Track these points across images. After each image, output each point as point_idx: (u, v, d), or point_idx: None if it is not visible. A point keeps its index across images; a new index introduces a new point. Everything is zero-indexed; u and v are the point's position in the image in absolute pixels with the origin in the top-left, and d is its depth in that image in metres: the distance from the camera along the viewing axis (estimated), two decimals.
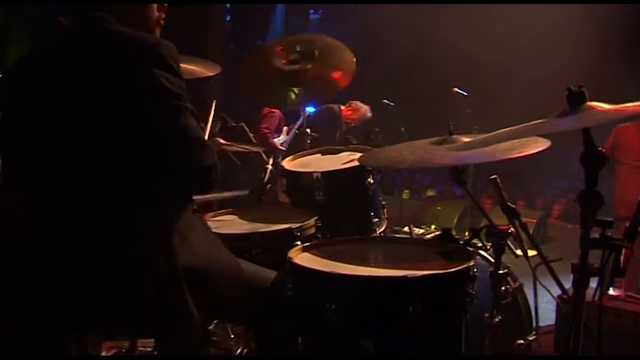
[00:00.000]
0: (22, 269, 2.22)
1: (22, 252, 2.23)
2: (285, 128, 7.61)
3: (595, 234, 2.09)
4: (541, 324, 3.33)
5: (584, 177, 2.08)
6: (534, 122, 2.24)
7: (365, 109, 8.11)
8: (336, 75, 4.07)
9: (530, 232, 7.43)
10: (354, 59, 4.00)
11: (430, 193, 10.86)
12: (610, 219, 2.08)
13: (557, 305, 3.49)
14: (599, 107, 2.07)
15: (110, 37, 2.20)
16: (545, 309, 3.31)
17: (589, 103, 2.09)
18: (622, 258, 2.07)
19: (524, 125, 2.27)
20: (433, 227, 7.15)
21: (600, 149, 5.75)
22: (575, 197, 2.10)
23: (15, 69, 2.37)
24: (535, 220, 8.61)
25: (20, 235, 2.25)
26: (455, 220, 8.38)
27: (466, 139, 2.71)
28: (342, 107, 8.08)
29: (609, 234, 2.07)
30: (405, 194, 10.01)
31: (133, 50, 2.16)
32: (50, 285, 2.17)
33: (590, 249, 2.07)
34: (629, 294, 4.37)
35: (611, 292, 4.16)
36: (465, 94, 7.77)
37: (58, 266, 2.16)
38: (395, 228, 4.41)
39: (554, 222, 9.33)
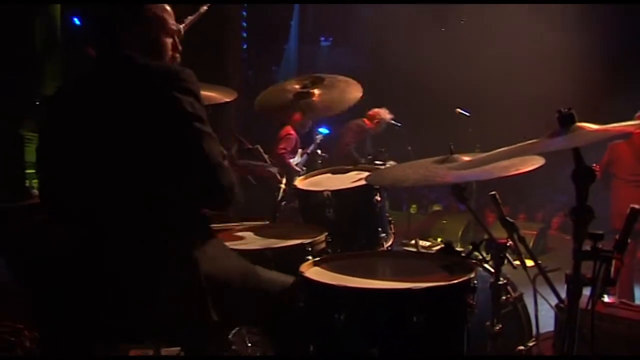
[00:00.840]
0: (69, 289, 2.26)
1: (68, 274, 2.29)
2: (300, 150, 7.64)
3: (587, 246, 2.10)
4: (541, 330, 3.32)
5: (575, 192, 2.09)
6: (527, 142, 2.26)
7: (384, 112, 8.13)
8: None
9: (531, 243, 7.50)
10: (360, 93, 4.01)
11: (437, 208, 10.83)
12: (600, 232, 2.09)
13: (555, 313, 3.48)
14: (588, 127, 2.09)
15: (136, 68, 2.26)
16: (546, 316, 3.29)
17: (578, 124, 2.11)
18: (612, 268, 2.09)
19: (519, 145, 2.29)
20: (439, 239, 7.17)
21: (596, 165, 5.78)
22: (568, 212, 2.11)
23: (53, 99, 2.43)
24: (535, 232, 8.56)
25: (66, 259, 2.30)
26: (460, 233, 8.35)
27: (466, 158, 2.72)
28: (364, 120, 8.12)
29: (600, 245, 2.08)
30: (413, 209, 10.00)
31: (158, 78, 2.21)
32: (91, 301, 2.21)
33: (582, 260, 2.08)
34: (623, 300, 4.37)
35: (606, 299, 4.16)
36: (467, 114, 7.78)
37: (97, 284, 2.20)
38: (404, 241, 4.43)
39: (554, 233, 9.28)
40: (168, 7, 2.46)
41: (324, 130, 8.11)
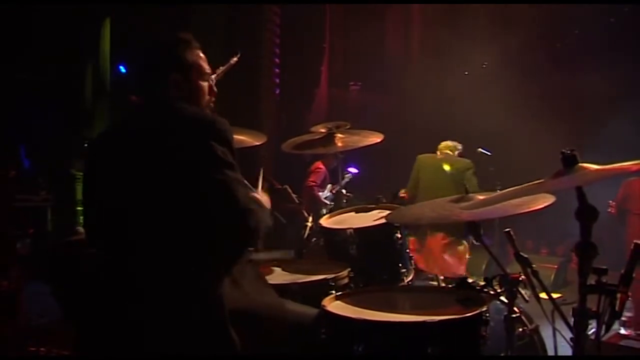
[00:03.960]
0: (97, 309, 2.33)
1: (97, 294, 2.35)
2: (329, 185, 7.72)
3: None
4: None
5: (579, 230, 2.10)
6: (535, 182, 2.29)
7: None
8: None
9: (552, 277, 7.37)
10: (380, 139, 4.11)
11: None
12: (604, 267, 2.10)
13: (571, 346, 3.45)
14: (589, 167, 2.11)
15: (172, 114, 2.32)
16: (565, 347, 3.27)
17: (580, 164, 2.13)
18: (617, 302, 2.09)
19: (527, 184, 2.32)
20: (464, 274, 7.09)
21: (612, 202, 5.76)
22: (573, 248, 2.12)
23: (96, 141, 2.51)
24: (556, 266, 8.48)
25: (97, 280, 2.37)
26: (483, 267, 8.27)
27: (480, 197, 2.75)
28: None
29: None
30: None
31: (193, 125, 2.26)
32: (114, 325, 2.27)
33: (587, 294, 2.09)
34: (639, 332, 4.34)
35: (622, 331, 4.13)
36: (489, 153, 7.78)
37: (121, 309, 2.25)
38: (430, 275, 4.43)
39: (574, 267, 9.13)
40: (202, 54, 2.53)
41: (353, 169, 8.17)
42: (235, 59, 3.55)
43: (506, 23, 9.57)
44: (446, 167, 6.45)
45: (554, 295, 2.60)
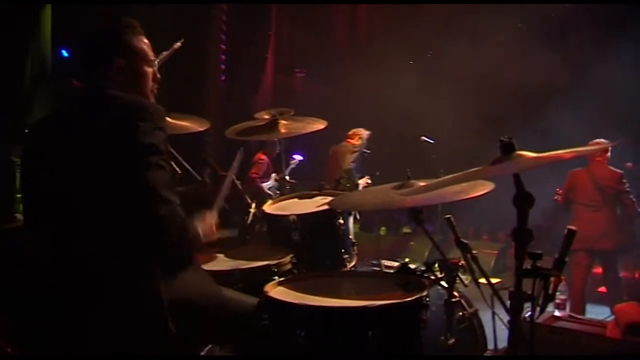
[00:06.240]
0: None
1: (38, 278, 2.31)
2: (273, 175, 7.68)
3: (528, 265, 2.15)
4: (502, 344, 3.37)
5: (516, 216, 2.14)
6: (473, 170, 2.31)
7: (361, 130, 8.19)
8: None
9: (492, 263, 7.59)
10: (323, 126, 4.11)
11: (406, 230, 10.83)
12: (539, 252, 2.14)
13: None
14: (526, 155, 2.14)
15: (111, 101, 2.27)
16: (505, 330, 3.34)
17: (517, 152, 2.17)
18: (551, 285, 2.14)
19: (466, 172, 2.34)
20: (406, 260, 7.18)
21: (559, 190, 5.94)
22: (510, 233, 2.16)
23: (36, 127, 2.46)
24: (496, 252, 8.67)
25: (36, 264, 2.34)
26: (426, 253, 8.37)
27: (422, 184, 2.77)
28: (349, 141, 8.15)
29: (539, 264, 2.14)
30: (382, 231, 10.02)
31: (126, 111, 2.22)
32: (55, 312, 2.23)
33: (523, 277, 2.13)
34: (572, 314, 4.48)
35: (557, 313, 4.26)
36: (432, 141, 7.88)
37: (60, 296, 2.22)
38: (373, 261, 4.45)
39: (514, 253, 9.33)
40: (146, 40, 2.48)
41: (298, 156, 8.16)
42: (178, 44, 3.51)
43: (451, 13, 9.65)
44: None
45: (493, 280, 2.65)
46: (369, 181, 7.13)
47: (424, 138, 7.85)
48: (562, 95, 8.35)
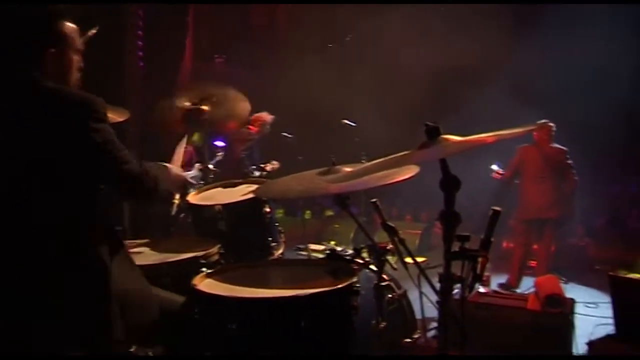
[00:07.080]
0: None
1: None
2: (197, 165, 7.51)
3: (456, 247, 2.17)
4: (429, 319, 3.44)
5: (444, 199, 2.15)
6: (399, 154, 2.31)
7: (264, 115, 8.00)
8: (232, 124, 4.15)
9: (417, 242, 7.70)
10: (248, 110, 4.04)
11: (329, 213, 10.87)
12: (467, 234, 2.16)
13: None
14: (451, 139, 2.15)
15: (50, 94, 2.19)
16: (433, 309, 3.40)
17: (443, 136, 2.17)
18: (479, 266, 2.16)
19: (391, 157, 2.34)
20: (332, 243, 7.21)
21: (496, 168, 6.11)
22: (437, 216, 2.17)
23: None
24: (420, 232, 8.81)
25: None
26: (351, 236, 8.44)
27: (347, 169, 2.75)
28: (248, 127, 8.02)
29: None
30: (307, 215, 10.01)
31: (72, 106, 2.18)
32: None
33: (452, 260, 2.15)
34: (496, 290, 4.66)
35: (481, 290, 4.39)
36: (354, 124, 7.89)
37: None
38: (300, 246, 4.44)
39: (438, 231, 9.52)
40: (75, 26, 2.36)
41: (220, 143, 8.01)
42: (93, 31, 3.38)
43: None
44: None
45: (419, 259, 2.68)
46: (275, 165, 7.02)
47: (345, 121, 7.84)
48: (477, 79, 8.51)
